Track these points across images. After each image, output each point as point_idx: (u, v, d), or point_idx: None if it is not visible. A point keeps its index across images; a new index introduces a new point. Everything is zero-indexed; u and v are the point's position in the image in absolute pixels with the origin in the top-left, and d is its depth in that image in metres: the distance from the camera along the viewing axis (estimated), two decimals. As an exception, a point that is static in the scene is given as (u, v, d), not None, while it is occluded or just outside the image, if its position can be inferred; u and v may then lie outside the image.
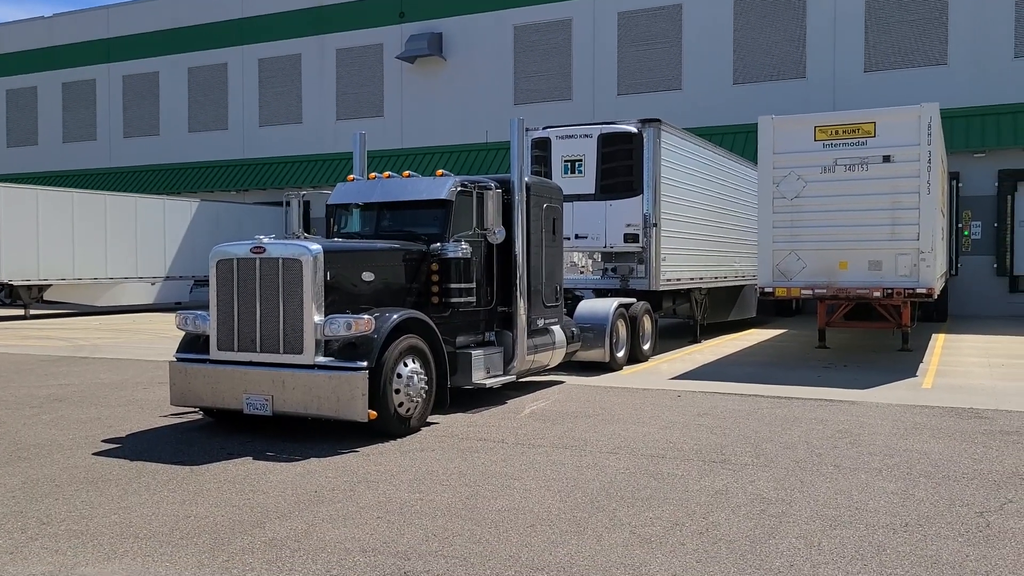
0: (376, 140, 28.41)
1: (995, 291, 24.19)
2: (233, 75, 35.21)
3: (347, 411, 7.85)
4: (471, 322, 9.90)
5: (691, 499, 6.12)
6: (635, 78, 28.21)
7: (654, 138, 14.26)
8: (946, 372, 12.62)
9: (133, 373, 12.95)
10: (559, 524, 5.58)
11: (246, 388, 8.19)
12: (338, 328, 7.97)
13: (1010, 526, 5.47)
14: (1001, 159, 23.91)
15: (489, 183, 9.96)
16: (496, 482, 6.60)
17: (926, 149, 13.14)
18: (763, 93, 26.00)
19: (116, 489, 6.50)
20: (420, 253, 9.34)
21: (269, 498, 6.23)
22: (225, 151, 35.18)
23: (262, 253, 8.22)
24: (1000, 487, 6.38)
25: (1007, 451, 7.54)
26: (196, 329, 8.71)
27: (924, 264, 13.20)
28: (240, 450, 7.76)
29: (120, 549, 5.20)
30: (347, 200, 10.22)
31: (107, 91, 38.04)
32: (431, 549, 5.14)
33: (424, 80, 31.45)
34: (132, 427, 8.85)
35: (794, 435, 8.24)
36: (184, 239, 28.31)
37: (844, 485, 6.45)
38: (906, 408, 9.65)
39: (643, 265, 14.40)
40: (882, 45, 25.18)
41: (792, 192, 13.96)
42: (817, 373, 12.59)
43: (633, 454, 7.49)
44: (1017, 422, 8.82)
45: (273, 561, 4.97)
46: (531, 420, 9.08)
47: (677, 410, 9.63)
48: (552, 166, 14.59)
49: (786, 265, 14.07)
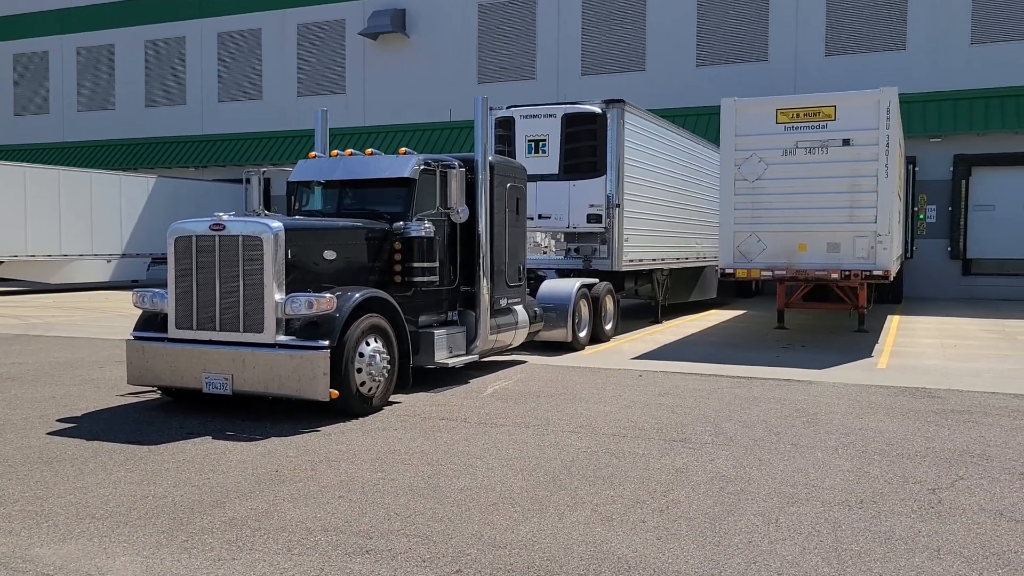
0: (338, 118, 28.09)
1: (948, 274, 24.69)
2: (192, 49, 34.51)
3: (308, 390, 7.79)
4: (434, 301, 9.87)
5: (652, 477, 6.18)
6: (599, 59, 28.19)
7: (618, 119, 14.28)
8: (901, 353, 12.87)
9: (89, 352, 12.73)
10: (521, 503, 5.60)
11: (205, 367, 8.09)
12: (299, 307, 7.90)
13: (961, 502, 5.61)
14: (957, 144, 24.33)
15: (453, 162, 9.90)
16: (458, 461, 6.61)
17: (885, 133, 13.31)
18: (726, 75, 26.13)
19: (71, 469, 6.40)
20: (383, 232, 9.27)
21: (229, 477, 6.18)
22: (183, 127, 34.53)
23: (221, 230, 8.10)
24: (952, 464, 6.53)
25: (958, 430, 7.72)
26: (154, 307, 8.58)
27: (881, 247, 13.41)
28: (199, 429, 7.67)
29: (76, 529, 5.12)
30: (309, 177, 10.10)
31: (60, 63, 37.09)
32: (393, 528, 5.14)
33: (387, 57, 31.11)
34: (88, 406, 8.71)
35: (753, 414, 8.36)
36: (141, 216, 27.80)
37: (801, 463, 6.56)
38: (862, 388, 9.83)
39: (606, 246, 14.46)
40: (843, 29, 25.42)
41: (754, 174, 14.07)
42: (776, 353, 12.77)
43: (595, 433, 7.54)
44: (968, 401, 9.03)
45: (233, 541, 4.93)
46: (494, 399, 9.09)
47: (638, 389, 9.71)
48: (516, 146, 14.54)
49: (747, 247, 14.21)
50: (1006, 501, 5.63)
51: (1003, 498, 5.70)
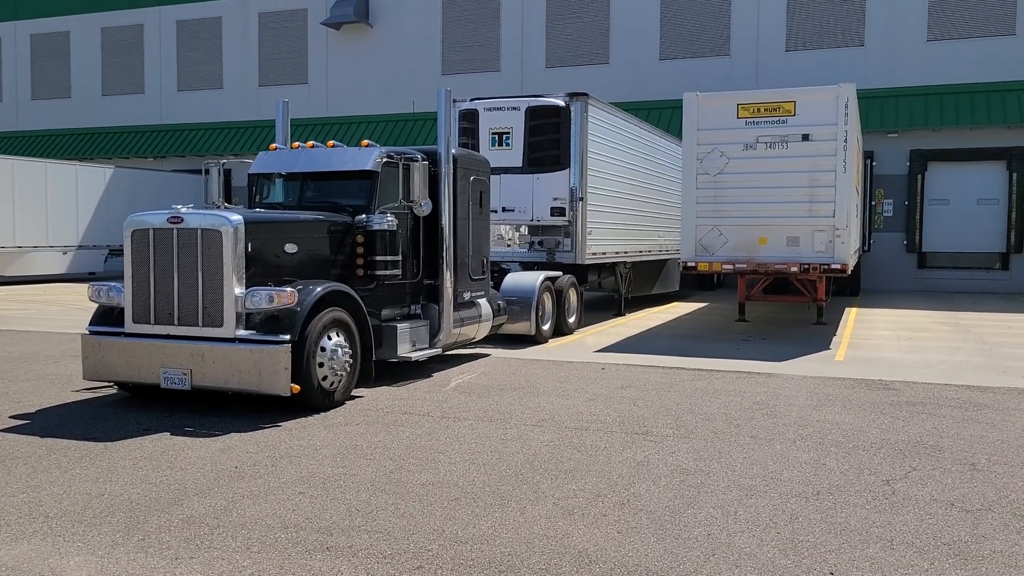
0: (300, 108, 27.78)
1: (905, 267, 25.14)
2: (150, 37, 33.90)
3: (269, 385, 7.72)
4: (397, 295, 9.82)
5: (613, 471, 6.22)
6: (563, 51, 28.20)
7: (581, 112, 14.31)
8: (858, 345, 13.08)
9: (43, 346, 12.48)
10: (483, 497, 5.61)
11: (163, 362, 7.98)
12: (260, 301, 7.82)
13: (914, 493, 5.72)
14: (913, 139, 24.75)
15: (415, 154, 9.85)
16: (421, 456, 6.59)
17: (843, 128, 13.50)
18: (688, 69, 26.31)
19: (24, 467, 6.28)
20: (345, 225, 9.20)
21: (187, 474, 6.11)
22: (141, 116, 33.93)
23: (180, 223, 7.99)
24: (906, 456, 6.66)
25: (912, 421, 7.87)
26: (110, 301, 8.44)
27: (839, 241, 13.61)
28: (157, 425, 7.57)
29: (29, 529, 5.03)
30: (270, 169, 9.98)
31: (13, 49, 36.23)
32: (354, 524, 5.12)
33: (350, 48, 30.83)
34: (42, 402, 8.55)
35: (713, 407, 8.45)
36: (98, 207, 27.29)
37: (760, 455, 6.64)
38: (820, 380, 9.98)
39: (569, 239, 14.48)
40: (803, 26, 25.71)
41: (715, 168, 14.20)
42: (736, 346, 12.91)
43: (557, 427, 7.57)
44: (922, 393, 9.21)
45: (191, 539, 4.88)
46: (457, 393, 9.09)
47: (601, 383, 9.76)
48: (480, 138, 14.50)
49: (708, 240, 14.34)
50: (957, 492, 5.76)
51: (954, 488, 5.83)
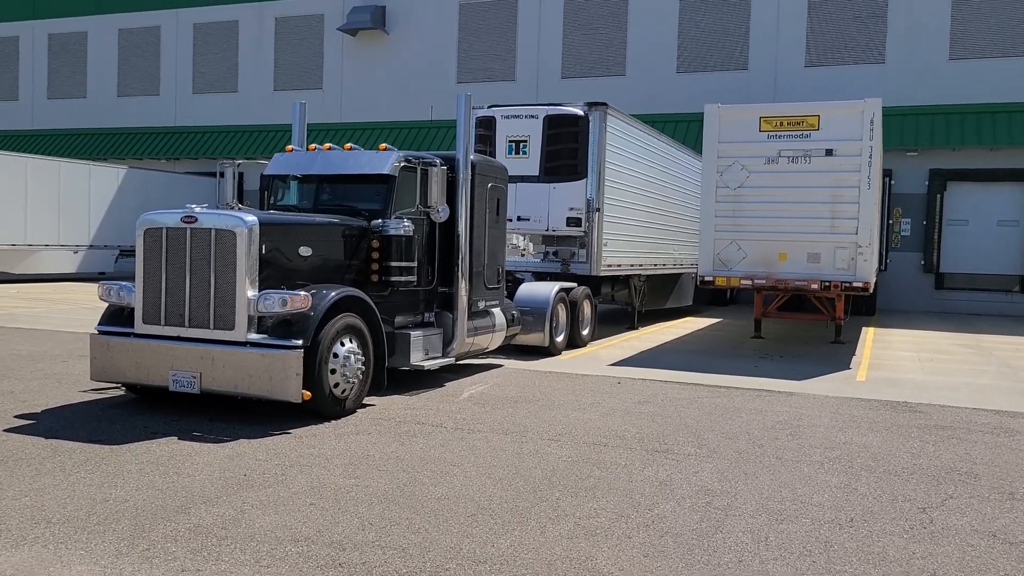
0: (315, 113, 27.57)
1: (921, 287, 24.82)
2: (166, 39, 33.91)
3: (280, 391, 7.52)
4: (411, 302, 9.62)
5: (635, 490, 5.98)
6: (580, 62, 28.04)
7: (600, 122, 14.11)
8: (878, 365, 12.82)
9: (51, 345, 12.32)
10: (501, 514, 5.38)
11: (173, 364, 7.79)
12: (272, 304, 7.62)
13: (952, 523, 5.47)
14: (932, 158, 24.46)
15: (434, 159, 9.67)
16: (435, 468, 6.37)
17: (868, 144, 13.27)
18: (705, 83, 26.08)
19: (28, 469, 6.08)
20: (360, 229, 9.01)
21: (195, 481, 5.90)
22: (156, 118, 33.91)
23: (193, 223, 7.82)
24: (940, 483, 6.41)
25: (943, 446, 7.61)
26: (120, 301, 8.26)
27: (862, 258, 13.36)
28: (164, 429, 7.37)
29: (31, 535, 4.82)
30: (285, 171, 9.81)
31: (31, 49, 36.30)
32: (367, 539, 4.90)
33: (366, 54, 30.76)
34: (48, 402, 8.36)
35: (735, 425, 8.20)
36: (111, 207, 27.22)
37: (787, 478, 6.40)
38: (842, 400, 9.72)
39: (584, 250, 14.27)
40: (823, 41, 25.49)
41: (735, 182, 13.97)
42: (754, 363, 12.66)
43: (575, 441, 7.35)
44: (950, 417, 8.95)
45: (198, 550, 4.67)
46: (470, 404, 8.87)
47: (617, 397, 9.52)
48: (496, 146, 14.32)
49: (727, 254, 14.10)
50: (998, 523, 5.50)
51: (994, 519, 5.57)
